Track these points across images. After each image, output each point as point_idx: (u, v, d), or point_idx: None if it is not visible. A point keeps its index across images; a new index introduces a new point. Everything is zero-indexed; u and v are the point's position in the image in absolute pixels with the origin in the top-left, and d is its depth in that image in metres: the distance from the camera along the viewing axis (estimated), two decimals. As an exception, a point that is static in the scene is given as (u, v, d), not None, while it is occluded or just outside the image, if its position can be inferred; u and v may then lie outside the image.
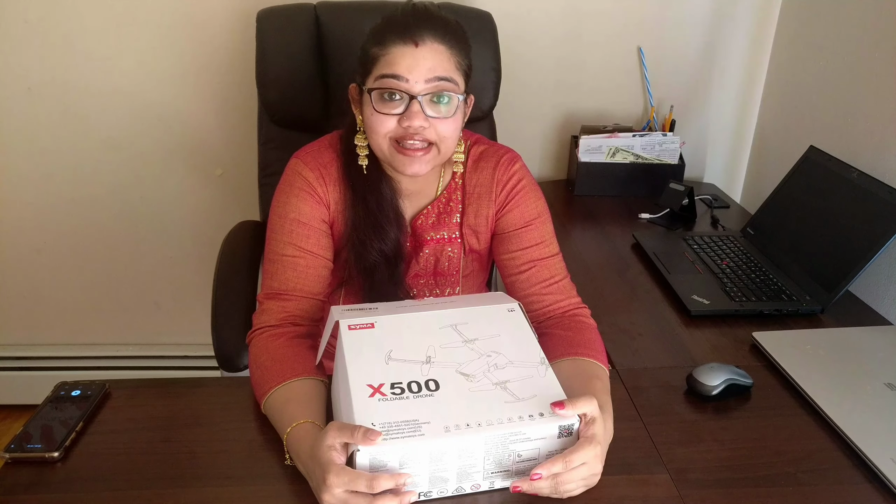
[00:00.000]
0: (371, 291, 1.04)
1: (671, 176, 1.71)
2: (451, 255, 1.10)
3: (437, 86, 0.93)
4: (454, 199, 1.09)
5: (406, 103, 0.93)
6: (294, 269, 0.99)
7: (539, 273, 1.04)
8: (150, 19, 1.68)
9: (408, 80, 0.92)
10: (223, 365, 1.20)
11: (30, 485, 0.77)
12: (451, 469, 0.74)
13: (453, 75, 0.94)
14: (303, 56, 1.45)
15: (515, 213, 1.07)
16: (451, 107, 0.95)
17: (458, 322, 0.87)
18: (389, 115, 0.94)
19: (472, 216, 1.09)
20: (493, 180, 1.07)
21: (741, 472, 0.82)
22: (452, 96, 0.94)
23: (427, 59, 0.92)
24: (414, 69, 0.92)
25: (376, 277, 1.03)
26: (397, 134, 0.94)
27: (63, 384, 0.92)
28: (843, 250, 1.23)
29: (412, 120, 0.92)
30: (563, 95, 1.83)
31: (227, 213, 1.86)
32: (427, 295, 1.12)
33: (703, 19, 1.77)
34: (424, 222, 1.09)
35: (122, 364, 2.02)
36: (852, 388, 0.97)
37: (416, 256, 1.09)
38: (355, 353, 0.81)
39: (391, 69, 0.92)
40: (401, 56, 0.92)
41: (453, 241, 1.10)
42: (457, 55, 0.95)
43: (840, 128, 1.50)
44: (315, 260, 1.01)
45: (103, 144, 1.79)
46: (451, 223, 1.09)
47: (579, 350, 0.94)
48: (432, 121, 0.94)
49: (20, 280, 1.93)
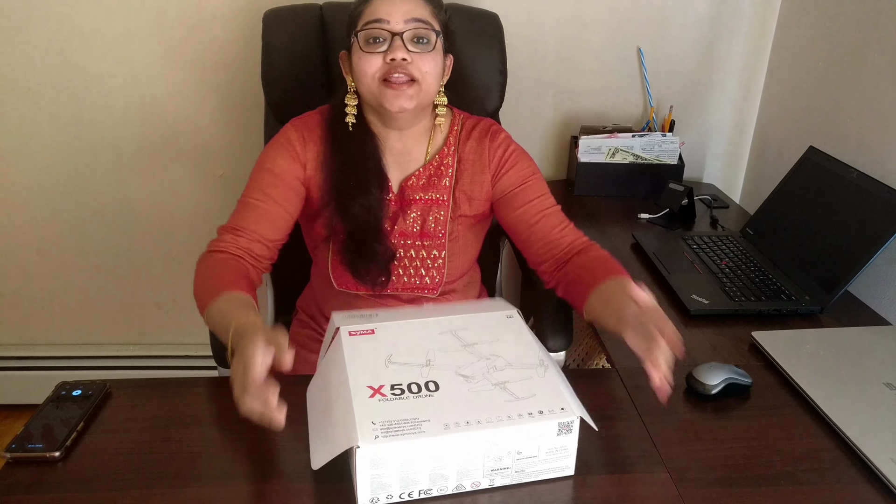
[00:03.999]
0: (354, 247, 1.12)
1: (671, 176, 1.72)
2: (438, 217, 1.16)
3: (416, 26, 1.04)
4: (446, 164, 1.17)
5: (389, 41, 1.04)
6: (254, 211, 1.09)
7: (550, 220, 1.14)
8: (150, 19, 1.68)
9: (389, 22, 1.03)
10: (220, 361, 1.20)
11: (30, 484, 0.77)
12: (451, 467, 0.75)
13: (430, 20, 1.06)
14: (308, 56, 1.46)
15: (511, 174, 1.16)
16: (430, 44, 1.06)
17: (457, 328, 0.88)
18: (375, 53, 1.04)
19: (468, 182, 1.17)
20: (485, 148, 1.17)
21: (741, 472, 0.82)
22: (430, 34, 1.06)
23: (405, 3, 1.04)
24: (394, 12, 1.03)
25: (359, 233, 1.11)
26: (383, 71, 1.04)
27: (64, 384, 0.92)
28: (843, 250, 1.23)
29: (395, 53, 1.02)
30: (562, 96, 1.84)
31: (227, 213, 1.86)
32: (413, 256, 1.17)
33: (703, 19, 1.77)
34: (415, 184, 1.16)
35: (123, 364, 2.02)
36: (852, 388, 0.97)
37: (402, 215, 1.16)
38: (355, 356, 0.82)
39: (373, 15, 1.04)
40: (381, 3, 1.04)
41: (441, 203, 1.16)
42: (431, 4, 1.07)
43: (840, 128, 1.50)
44: (276, 208, 1.10)
45: (103, 144, 1.80)
46: (440, 186, 1.16)
47: (615, 272, 1.03)
48: (413, 56, 1.04)
49: (20, 280, 1.93)
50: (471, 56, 1.43)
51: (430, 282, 1.18)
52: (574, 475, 0.80)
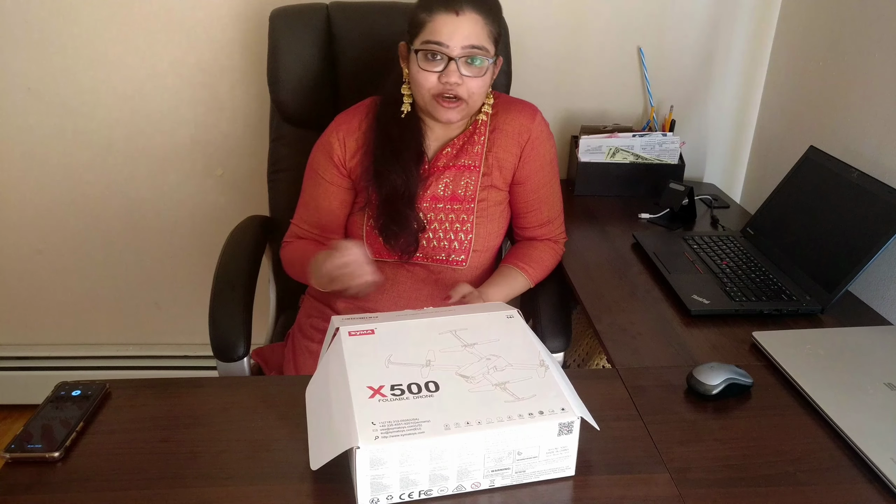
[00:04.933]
0: (387, 213, 1.24)
1: (671, 176, 1.71)
2: (469, 182, 1.28)
3: (471, 52, 1.14)
4: (479, 132, 1.28)
5: (445, 63, 1.15)
6: (307, 208, 1.31)
7: (540, 213, 1.33)
8: (150, 19, 1.68)
9: (448, 46, 1.13)
10: (219, 354, 1.20)
11: (30, 485, 0.77)
12: (452, 467, 0.75)
13: (485, 44, 1.16)
14: (314, 55, 1.47)
15: (535, 157, 1.29)
16: (482, 69, 1.17)
17: (457, 328, 0.88)
18: (431, 72, 1.15)
19: (501, 150, 1.28)
20: (522, 125, 1.28)
21: (741, 472, 0.82)
22: (484, 60, 1.16)
23: (465, 27, 1.13)
24: (454, 36, 1.13)
25: (393, 201, 1.23)
26: (437, 89, 1.16)
27: (63, 384, 0.92)
28: (843, 250, 1.23)
29: (449, 77, 1.14)
30: (562, 95, 1.84)
31: (227, 213, 1.86)
32: (443, 219, 1.27)
33: (703, 19, 1.77)
34: (449, 152, 1.28)
35: (123, 364, 2.02)
36: (852, 388, 0.97)
37: (434, 181, 1.27)
38: (355, 357, 0.82)
39: (435, 36, 1.14)
40: (443, 24, 1.13)
41: (473, 168, 1.28)
42: (490, 24, 1.16)
43: (840, 128, 1.50)
44: (330, 204, 1.29)
45: (103, 144, 1.79)
46: (472, 152, 1.28)
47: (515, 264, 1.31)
48: (465, 79, 1.15)
49: (20, 280, 1.93)
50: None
51: (459, 246, 1.26)
52: (574, 476, 0.80)
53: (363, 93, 1.34)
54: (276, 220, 1.56)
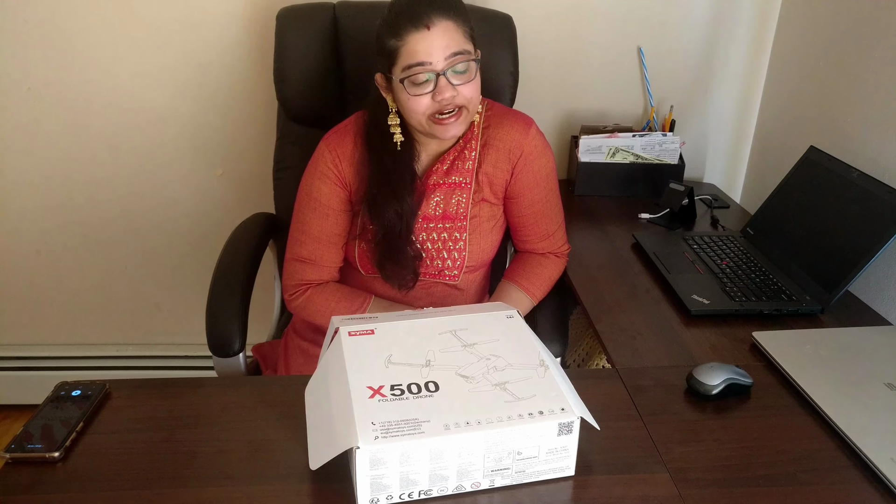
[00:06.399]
0: (384, 249, 1.19)
1: (671, 176, 1.71)
2: (460, 200, 1.22)
3: (455, 60, 1.07)
4: (469, 147, 1.22)
5: (434, 81, 1.08)
6: (318, 241, 1.21)
7: (539, 227, 1.28)
8: (151, 19, 1.68)
9: (431, 63, 1.06)
10: (216, 350, 1.19)
11: (30, 485, 0.77)
12: (452, 467, 0.75)
13: (465, 46, 1.09)
14: (320, 54, 1.47)
15: (528, 173, 1.23)
16: (471, 72, 1.10)
17: (457, 328, 0.88)
18: (422, 95, 1.09)
19: (491, 166, 1.22)
20: (514, 139, 1.21)
21: (741, 472, 0.82)
22: (470, 63, 1.10)
23: (440, 38, 1.06)
24: (433, 51, 1.06)
25: (390, 238, 1.18)
26: (433, 109, 1.10)
27: (63, 384, 0.92)
28: (843, 250, 1.23)
29: (443, 94, 1.08)
30: (563, 95, 1.84)
31: (227, 213, 1.86)
32: (435, 238, 1.23)
33: (703, 19, 1.77)
34: (439, 168, 1.22)
35: (123, 364, 2.02)
36: (852, 388, 0.97)
37: (426, 199, 1.22)
38: (355, 357, 0.82)
39: (414, 58, 1.06)
40: (417, 43, 1.06)
41: (464, 186, 1.22)
42: (462, 23, 1.09)
43: (840, 128, 1.50)
44: (332, 231, 1.21)
45: (103, 145, 1.79)
46: (463, 169, 1.22)
47: (516, 281, 1.28)
48: (458, 88, 1.09)
49: (20, 280, 1.93)
50: (483, 58, 1.44)
51: (452, 264, 1.23)
52: (574, 476, 0.80)
53: (369, 92, 1.33)
54: (282, 217, 1.56)
